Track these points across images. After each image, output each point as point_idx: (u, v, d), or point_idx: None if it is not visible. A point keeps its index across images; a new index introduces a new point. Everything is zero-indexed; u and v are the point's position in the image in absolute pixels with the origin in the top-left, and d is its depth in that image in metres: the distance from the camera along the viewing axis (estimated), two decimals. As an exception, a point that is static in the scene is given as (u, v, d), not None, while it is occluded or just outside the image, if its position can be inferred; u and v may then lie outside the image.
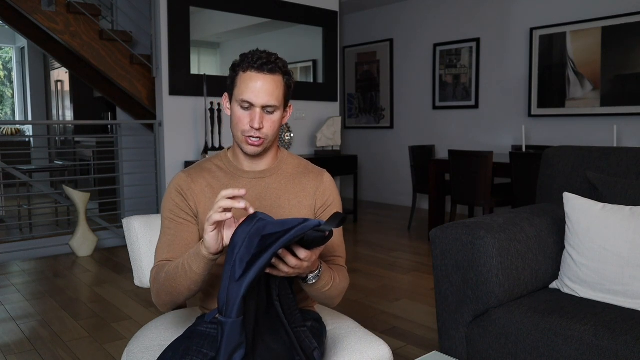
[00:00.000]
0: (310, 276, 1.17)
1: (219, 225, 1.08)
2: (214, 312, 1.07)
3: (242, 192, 1.04)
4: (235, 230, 1.04)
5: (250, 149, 1.28)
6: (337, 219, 1.01)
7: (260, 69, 1.24)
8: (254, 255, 1.00)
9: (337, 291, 1.29)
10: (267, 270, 1.07)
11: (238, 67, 1.27)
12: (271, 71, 1.25)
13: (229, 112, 1.32)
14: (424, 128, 6.41)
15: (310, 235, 1.02)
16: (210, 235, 1.07)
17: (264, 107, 1.25)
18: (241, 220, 1.06)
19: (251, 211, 1.07)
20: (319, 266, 1.18)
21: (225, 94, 1.34)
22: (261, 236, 1.01)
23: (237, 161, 1.35)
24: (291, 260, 1.05)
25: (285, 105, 1.32)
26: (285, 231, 0.99)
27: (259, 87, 1.23)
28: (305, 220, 1.00)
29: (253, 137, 1.26)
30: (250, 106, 1.25)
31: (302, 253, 1.06)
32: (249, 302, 1.04)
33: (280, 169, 1.37)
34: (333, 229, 1.02)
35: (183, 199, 1.30)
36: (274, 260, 1.06)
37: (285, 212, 1.33)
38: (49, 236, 4.51)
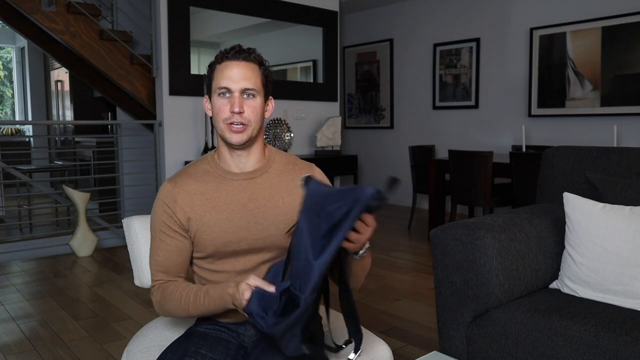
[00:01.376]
0: (362, 251, 1.15)
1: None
2: (284, 283, 1.06)
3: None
4: (301, 212, 1.04)
5: (235, 137, 1.25)
6: (393, 183, 1.00)
7: (235, 57, 1.26)
8: (325, 234, 0.99)
9: (370, 263, 1.28)
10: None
11: (214, 63, 1.29)
12: (246, 59, 1.26)
13: (210, 112, 1.31)
14: (424, 128, 6.41)
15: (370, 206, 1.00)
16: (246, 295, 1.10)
17: (242, 92, 1.25)
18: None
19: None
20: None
21: (206, 96, 1.33)
22: (326, 212, 0.99)
23: (225, 163, 1.33)
24: (352, 235, 1.04)
25: (266, 97, 1.31)
26: (352, 207, 0.97)
27: (235, 73, 1.24)
28: (362, 188, 0.98)
29: (235, 123, 1.24)
30: (228, 92, 1.25)
31: (369, 220, 1.04)
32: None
33: (270, 168, 1.35)
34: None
35: (170, 214, 1.29)
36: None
37: (279, 210, 1.31)
38: (49, 236, 4.51)
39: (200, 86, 4.65)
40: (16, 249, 4.28)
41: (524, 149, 4.50)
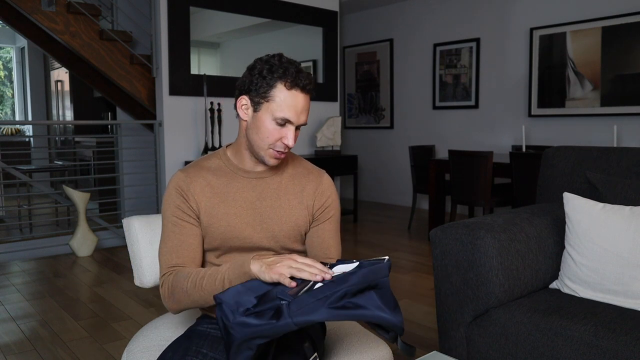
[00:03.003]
0: None
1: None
2: (283, 293, 1.03)
3: (328, 276, 1.04)
4: (364, 268, 1.03)
5: (273, 162, 1.28)
6: (410, 351, 1.01)
7: (304, 89, 1.23)
8: (354, 304, 0.99)
9: None
10: None
11: (278, 79, 1.21)
12: (309, 92, 1.25)
13: (246, 117, 1.27)
14: (424, 128, 6.41)
15: (384, 329, 1.03)
16: (278, 278, 1.05)
17: (298, 126, 1.26)
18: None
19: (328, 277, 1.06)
20: None
21: (245, 97, 1.26)
22: (371, 293, 1.00)
23: (239, 160, 1.34)
24: None
25: None
26: (381, 312, 0.99)
27: (301, 108, 1.23)
28: (398, 311, 1.00)
29: (281, 152, 1.26)
30: (286, 123, 1.23)
31: None
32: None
33: (280, 169, 1.37)
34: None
35: (184, 200, 1.29)
36: None
37: (284, 212, 1.32)
38: (49, 236, 4.51)
39: (199, 86, 4.65)
40: (16, 249, 4.28)
41: (524, 149, 4.50)
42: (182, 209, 1.29)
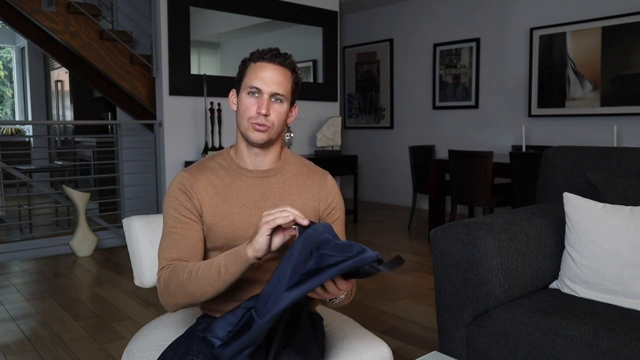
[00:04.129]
0: (340, 296, 1.20)
1: (275, 230, 1.08)
2: (252, 302, 1.07)
3: (305, 222, 1.06)
4: (299, 237, 1.03)
5: (256, 136, 1.27)
6: (397, 263, 0.98)
7: (271, 60, 1.28)
8: (308, 271, 0.98)
9: (350, 299, 1.33)
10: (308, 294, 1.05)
11: (248, 60, 1.31)
12: (281, 64, 1.28)
13: (234, 107, 1.33)
14: (424, 128, 6.41)
15: (362, 268, 1.00)
16: (264, 239, 1.07)
17: (271, 96, 1.27)
18: (297, 226, 1.06)
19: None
20: None
21: (232, 90, 1.35)
22: (320, 253, 0.99)
23: (241, 159, 1.35)
24: (331, 287, 1.05)
25: (292, 103, 1.33)
26: (344, 260, 0.97)
27: (269, 76, 1.26)
28: (364, 250, 0.97)
29: (259, 123, 1.26)
30: (258, 93, 1.27)
31: (343, 284, 1.04)
32: (281, 315, 1.04)
33: (284, 169, 1.37)
34: (373, 262, 0.98)
35: (187, 197, 1.29)
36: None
37: None
38: (49, 236, 4.51)
39: (199, 86, 4.65)
40: (16, 249, 4.28)
41: (524, 149, 4.50)
42: (185, 206, 1.28)
